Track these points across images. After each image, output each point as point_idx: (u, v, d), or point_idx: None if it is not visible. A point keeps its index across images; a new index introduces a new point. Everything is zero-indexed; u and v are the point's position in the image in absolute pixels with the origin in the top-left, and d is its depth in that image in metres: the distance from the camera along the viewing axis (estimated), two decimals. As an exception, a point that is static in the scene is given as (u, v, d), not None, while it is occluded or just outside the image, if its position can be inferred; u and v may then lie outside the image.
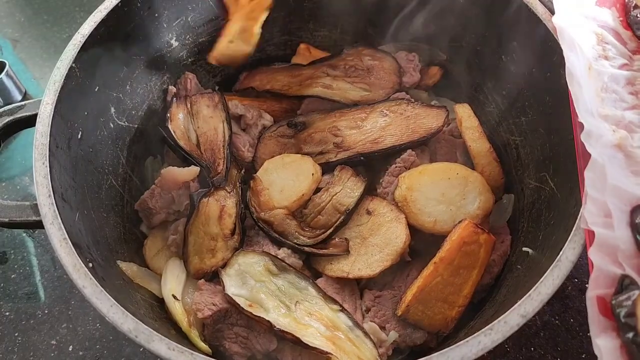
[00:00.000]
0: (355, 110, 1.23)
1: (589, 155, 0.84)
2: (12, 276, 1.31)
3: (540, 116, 1.10)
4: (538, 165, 1.10)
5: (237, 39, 1.18)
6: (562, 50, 0.98)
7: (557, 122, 1.03)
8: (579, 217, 0.83)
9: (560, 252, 0.82)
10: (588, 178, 0.83)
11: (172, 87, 1.30)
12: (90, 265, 0.86)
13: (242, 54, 1.24)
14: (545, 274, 0.80)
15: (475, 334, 0.77)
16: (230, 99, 1.29)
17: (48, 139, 0.93)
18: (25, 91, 1.59)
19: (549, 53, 1.04)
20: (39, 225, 0.88)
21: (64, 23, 1.79)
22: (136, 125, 1.24)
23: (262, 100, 1.34)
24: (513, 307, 0.78)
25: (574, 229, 0.83)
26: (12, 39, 1.76)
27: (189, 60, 1.34)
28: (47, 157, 0.91)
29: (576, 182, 0.90)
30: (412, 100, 1.24)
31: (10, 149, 1.52)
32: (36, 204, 0.88)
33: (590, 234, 0.80)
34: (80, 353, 1.19)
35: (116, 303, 0.79)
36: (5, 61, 1.51)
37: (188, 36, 1.29)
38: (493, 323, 0.77)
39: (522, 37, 1.11)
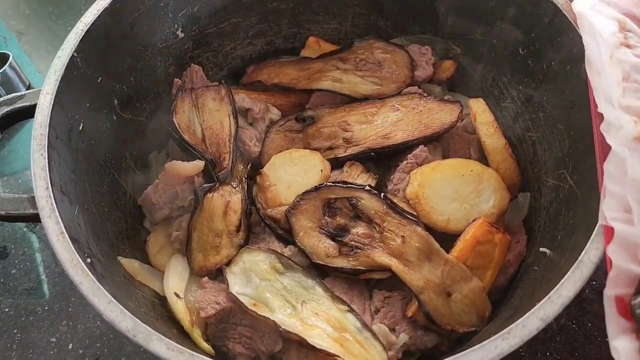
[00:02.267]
0: (365, 104, 1.20)
1: (609, 147, 0.79)
2: (13, 272, 1.29)
3: (560, 111, 1.05)
4: (556, 163, 1.05)
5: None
6: (583, 41, 0.94)
7: (577, 117, 0.98)
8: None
9: (582, 253, 0.77)
10: (607, 171, 0.79)
11: (178, 79, 1.27)
12: (89, 260, 0.83)
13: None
14: (567, 276, 0.76)
15: (492, 338, 0.73)
16: (237, 92, 1.26)
17: (47, 130, 0.90)
18: (30, 84, 1.56)
19: (569, 45, 0.99)
20: (36, 218, 0.85)
21: (69, 15, 1.76)
22: (140, 118, 1.20)
23: (269, 94, 1.30)
24: (532, 310, 0.74)
25: (596, 228, 0.79)
26: (17, 31, 1.73)
27: (195, 52, 1.30)
28: (46, 148, 0.88)
29: (598, 180, 0.85)
30: (425, 94, 1.20)
31: (13, 143, 1.49)
32: (34, 197, 0.85)
33: (609, 230, 0.76)
34: (80, 351, 1.17)
35: (114, 300, 0.76)
36: (9, 53, 1.49)
37: (194, 27, 1.26)
38: (510, 326, 0.73)
39: (541, 29, 1.07)
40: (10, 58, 1.48)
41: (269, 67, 1.34)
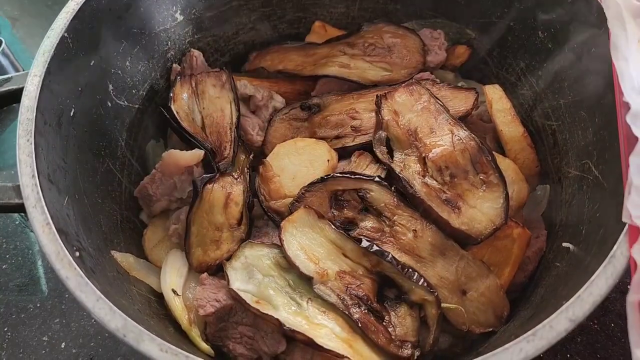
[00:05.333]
0: (374, 91, 1.14)
1: (636, 138, 0.75)
2: (4, 267, 1.24)
3: (583, 97, 0.99)
4: (579, 152, 1.00)
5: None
6: (608, 24, 0.88)
7: (603, 102, 0.92)
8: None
9: (614, 247, 0.72)
10: (634, 165, 0.74)
11: (177, 65, 1.22)
12: (78, 254, 0.78)
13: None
14: (597, 272, 0.71)
15: (516, 340, 0.68)
16: (239, 78, 1.21)
17: (34, 114, 0.85)
18: (23, 71, 1.50)
19: (594, 25, 0.94)
20: (21, 208, 0.79)
21: (65, 1, 1.70)
22: (137, 106, 1.15)
23: (273, 81, 1.25)
24: (560, 310, 0.69)
25: (629, 220, 0.73)
26: (11, 17, 1.69)
27: (195, 36, 1.25)
28: (33, 133, 0.83)
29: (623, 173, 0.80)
30: (438, 81, 1.15)
31: (5, 133, 1.44)
32: (19, 186, 0.79)
33: (634, 230, 0.72)
34: (74, 351, 1.12)
35: (103, 297, 0.70)
36: (2, 39, 1.43)
37: (194, 10, 1.21)
38: (537, 327, 0.68)
39: (563, 9, 1.01)
40: (3, 44, 1.43)
41: (272, 53, 1.29)
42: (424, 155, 0.99)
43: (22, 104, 0.85)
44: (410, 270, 0.91)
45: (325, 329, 0.87)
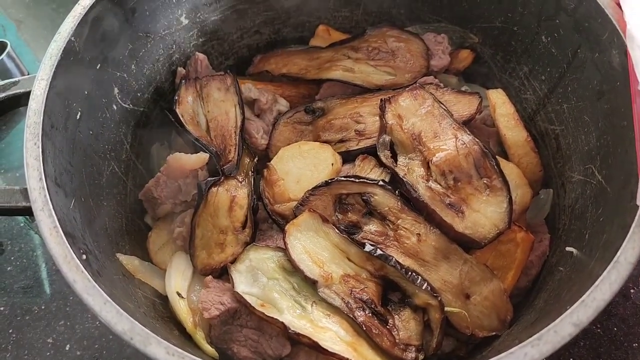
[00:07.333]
0: (379, 95, 1.14)
1: None
2: (8, 269, 1.24)
3: (586, 102, 0.99)
4: (582, 157, 1.00)
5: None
6: (612, 28, 0.89)
7: (606, 107, 0.93)
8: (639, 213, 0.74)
9: (618, 253, 0.72)
10: None
11: (182, 68, 1.22)
12: (84, 257, 0.78)
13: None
14: (601, 277, 0.71)
15: (521, 345, 0.68)
16: (244, 82, 1.21)
17: (42, 118, 0.85)
18: (28, 73, 1.51)
19: (598, 31, 0.94)
20: (28, 211, 0.80)
21: (70, 4, 1.69)
22: (142, 109, 1.15)
23: (277, 84, 1.25)
24: (564, 315, 0.69)
25: (633, 226, 0.74)
26: (16, 19, 1.69)
27: (200, 40, 1.25)
28: (40, 137, 0.83)
29: (631, 174, 0.80)
30: (441, 85, 1.15)
31: (10, 135, 1.44)
32: (26, 189, 0.80)
33: None
34: (78, 353, 1.12)
35: (110, 300, 0.70)
36: (7, 42, 1.44)
37: (199, 14, 1.21)
38: (541, 332, 0.68)
39: (566, 14, 1.01)
40: (8, 47, 1.43)
41: (276, 56, 1.29)
42: (427, 159, 0.99)
43: (30, 107, 0.86)
44: (414, 274, 0.91)
45: (330, 332, 0.87)
